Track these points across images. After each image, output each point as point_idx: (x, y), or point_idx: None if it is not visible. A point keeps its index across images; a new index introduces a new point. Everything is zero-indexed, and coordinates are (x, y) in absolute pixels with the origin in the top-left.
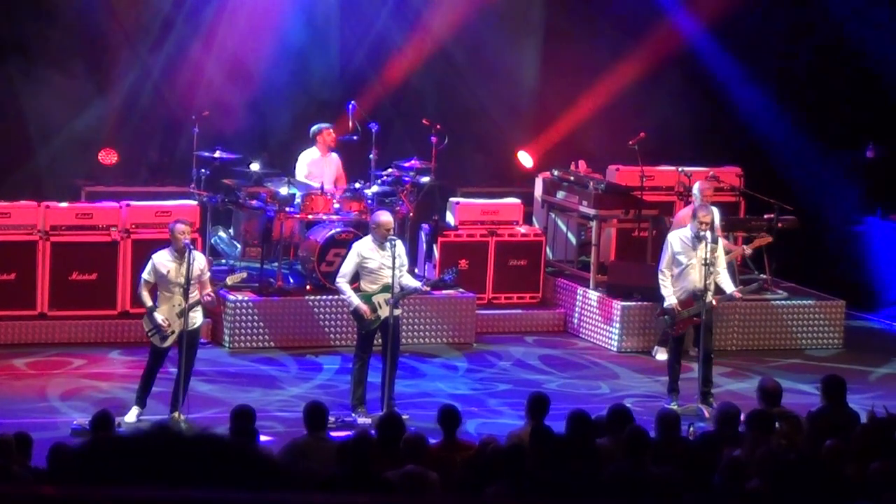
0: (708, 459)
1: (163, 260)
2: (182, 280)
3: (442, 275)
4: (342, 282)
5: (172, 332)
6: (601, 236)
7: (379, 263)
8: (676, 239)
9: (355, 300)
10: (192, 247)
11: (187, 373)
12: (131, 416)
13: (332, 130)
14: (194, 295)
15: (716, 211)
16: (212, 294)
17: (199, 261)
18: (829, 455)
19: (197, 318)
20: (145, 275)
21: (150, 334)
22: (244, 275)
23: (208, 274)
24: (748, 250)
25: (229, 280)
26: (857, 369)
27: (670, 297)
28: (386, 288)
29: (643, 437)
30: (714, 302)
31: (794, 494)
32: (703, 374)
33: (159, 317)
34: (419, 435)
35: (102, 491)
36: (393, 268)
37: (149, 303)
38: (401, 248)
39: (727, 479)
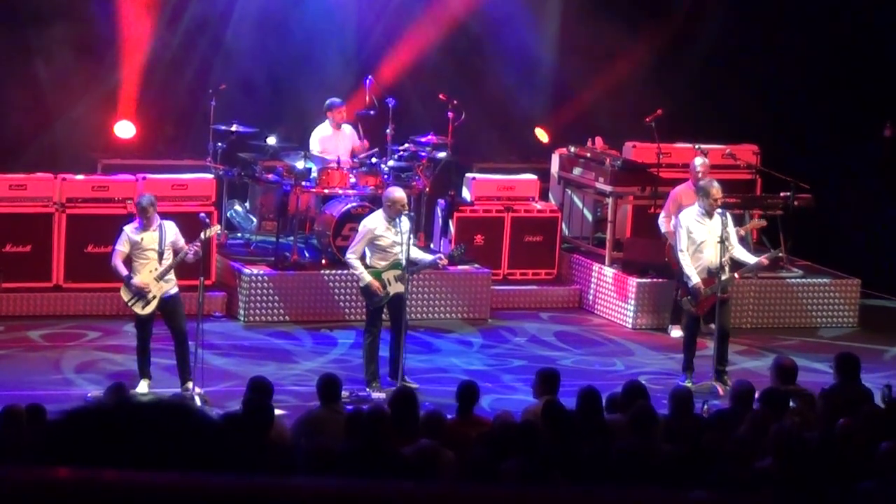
0: (721, 437)
1: (133, 229)
2: (155, 245)
3: (452, 250)
4: (353, 258)
5: (153, 298)
6: (617, 213)
7: (391, 240)
8: (688, 218)
9: (366, 276)
10: (158, 218)
11: (181, 337)
12: (142, 387)
13: (342, 108)
14: (167, 259)
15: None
16: (192, 248)
17: (171, 228)
18: (841, 433)
19: (171, 281)
20: (119, 245)
21: (130, 304)
22: (217, 228)
23: (182, 239)
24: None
25: (203, 235)
26: (872, 348)
27: (694, 276)
28: (395, 264)
29: (649, 413)
30: (737, 276)
31: (806, 472)
32: (719, 352)
33: (137, 280)
34: (438, 411)
35: (109, 475)
36: (407, 245)
37: (124, 272)
38: (406, 223)
39: (733, 456)
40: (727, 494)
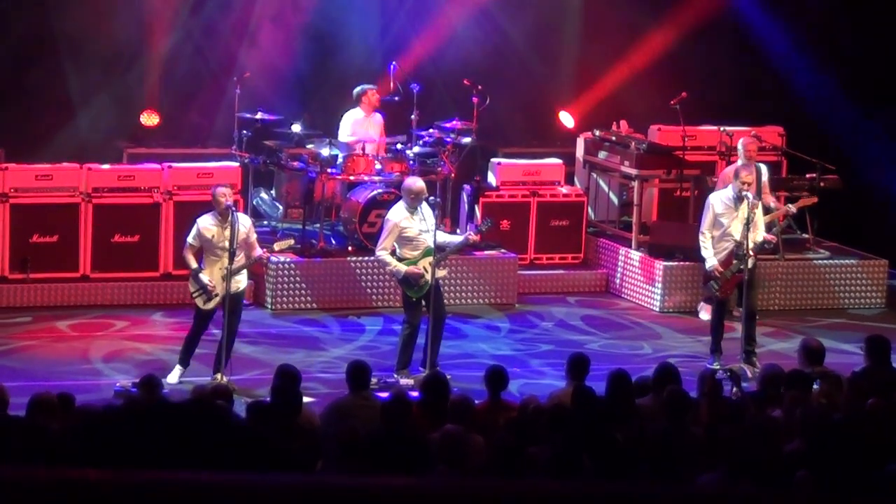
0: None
1: (207, 224)
2: (226, 243)
3: (479, 225)
4: (384, 253)
5: (217, 295)
6: (643, 196)
7: (417, 229)
8: (718, 200)
9: (402, 268)
10: (234, 209)
11: (231, 336)
12: (173, 376)
13: (376, 91)
14: (240, 258)
15: (764, 169)
16: (265, 254)
17: (244, 222)
18: (870, 414)
19: (241, 281)
20: (190, 239)
21: (194, 296)
22: (291, 241)
23: (255, 234)
24: (793, 209)
25: (276, 246)
26: None
27: (711, 258)
28: (428, 251)
29: (683, 398)
30: (751, 253)
31: (833, 454)
32: (747, 334)
33: (205, 277)
34: (466, 396)
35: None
36: (434, 230)
37: (193, 264)
38: (427, 208)
39: (765, 439)
40: (733, 481)
